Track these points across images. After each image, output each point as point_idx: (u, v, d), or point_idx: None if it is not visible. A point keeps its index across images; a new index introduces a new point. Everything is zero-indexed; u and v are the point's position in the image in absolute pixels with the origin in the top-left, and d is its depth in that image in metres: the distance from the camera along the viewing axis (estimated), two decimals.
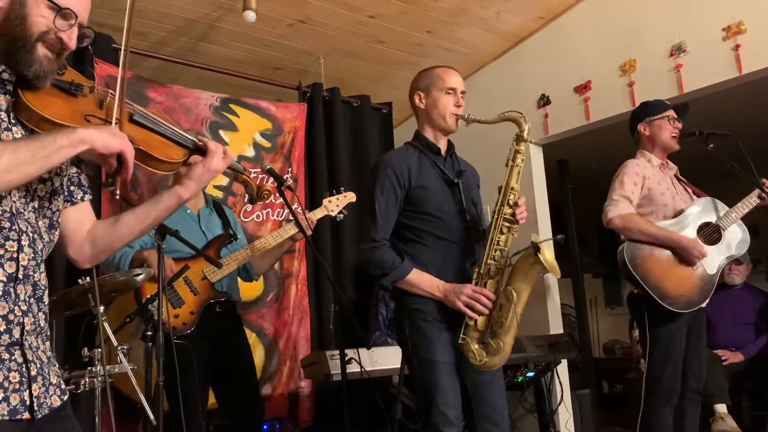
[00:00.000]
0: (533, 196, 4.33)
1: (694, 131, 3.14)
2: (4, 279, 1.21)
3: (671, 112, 3.19)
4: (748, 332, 4.62)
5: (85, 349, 2.53)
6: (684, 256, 2.95)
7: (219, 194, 3.89)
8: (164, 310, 2.46)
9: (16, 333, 1.22)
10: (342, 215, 3.27)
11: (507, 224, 2.26)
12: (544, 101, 4.37)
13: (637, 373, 4.96)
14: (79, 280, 2.42)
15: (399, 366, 3.14)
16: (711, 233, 3.04)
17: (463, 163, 2.51)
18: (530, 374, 3.79)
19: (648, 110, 3.22)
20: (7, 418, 1.16)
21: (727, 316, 4.59)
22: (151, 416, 2.37)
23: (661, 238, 2.97)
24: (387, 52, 4.41)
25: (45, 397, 1.25)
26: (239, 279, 3.17)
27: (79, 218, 1.46)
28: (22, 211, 1.26)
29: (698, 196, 3.20)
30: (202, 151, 1.48)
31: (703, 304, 3.04)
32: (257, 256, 3.04)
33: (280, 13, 3.88)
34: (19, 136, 1.27)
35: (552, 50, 4.36)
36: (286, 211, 4.03)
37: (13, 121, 1.27)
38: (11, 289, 1.22)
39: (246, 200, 2.13)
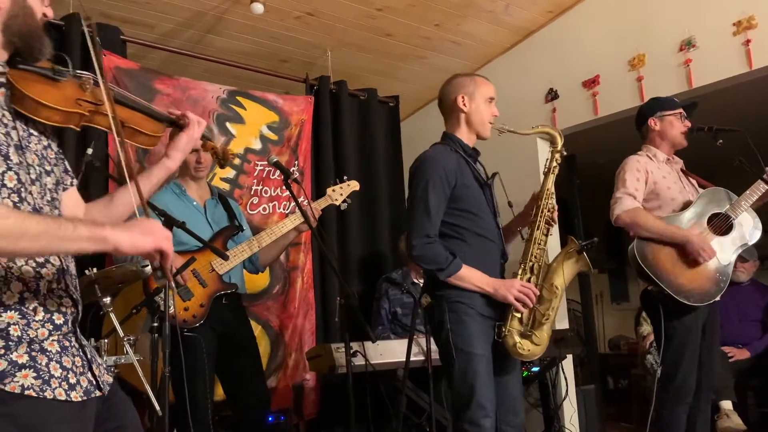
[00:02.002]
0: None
1: (703, 126, 3.12)
2: (56, 272, 1.27)
3: (681, 111, 3.17)
4: (754, 329, 4.60)
5: (92, 339, 2.53)
6: (691, 254, 2.93)
7: (225, 186, 3.89)
8: (173, 303, 2.48)
9: (71, 322, 1.30)
10: (346, 204, 3.28)
11: (547, 226, 2.47)
12: (552, 95, 4.36)
13: (642, 369, 4.95)
14: (86, 271, 2.43)
15: (404, 359, 3.14)
16: (722, 223, 3.00)
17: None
18: (535, 369, 3.79)
19: (660, 105, 3.20)
20: (85, 398, 1.25)
21: (733, 312, 4.57)
22: (157, 407, 2.37)
23: (668, 235, 2.95)
24: (394, 45, 4.39)
25: (104, 375, 1.35)
26: (245, 271, 3.18)
27: (72, 202, 1.51)
28: (42, 206, 1.30)
29: (705, 188, 3.18)
30: (176, 123, 1.58)
31: (718, 297, 3.01)
32: (263, 247, 3.04)
33: (288, 5, 3.87)
34: (23, 133, 1.29)
35: (560, 44, 4.33)
36: (293, 204, 4.03)
37: (10, 116, 1.28)
38: (61, 278, 1.29)
39: (216, 166, 2.24)
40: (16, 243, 1.10)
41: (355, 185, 3.30)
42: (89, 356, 1.32)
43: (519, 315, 2.37)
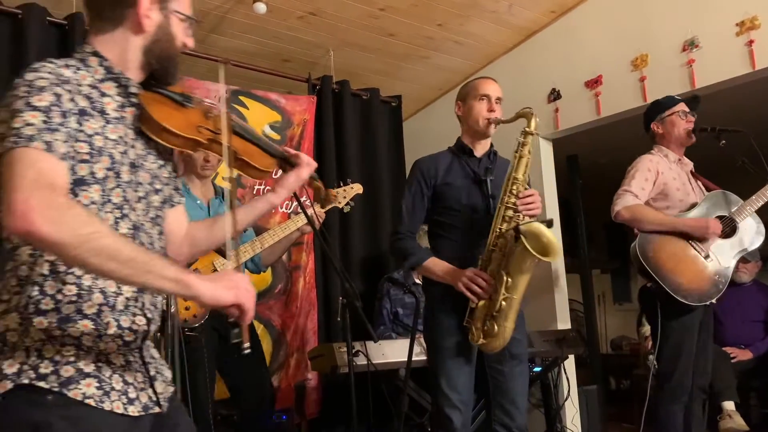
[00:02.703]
0: (542, 191, 4.31)
1: (706, 127, 3.12)
2: (133, 290, 1.29)
3: (682, 106, 3.16)
4: (757, 330, 4.60)
5: None
6: (698, 236, 2.93)
7: (228, 186, 3.89)
8: (175, 303, 2.47)
9: (140, 339, 1.32)
10: (349, 206, 3.28)
11: (510, 213, 2.36)
12: (555, 96, 4.35)
13: (644, 370, 4.94)
14: None
15: (406, 359, 3.14)
16: (725, 226, 3.00)
17: (500, 163, 2.59)
18: (537, 369, 3.78)
19: (658, 108, 3.21)
20: (143, 413, 1.27)
21: (736, 313, 4.57)
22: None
23: (669, 225, 2.97)
24: (397, 45, 4.39)
25: (166, 391, 1.37)
26: (247, 271, 3.18)
27: (177, 219, 1.53)
28: (144, 222, 1.34)
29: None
30: (288, 161, 1.58)
31: (715, 299, 3.02)
32: (266, 247, 3.05)
33: (291, 5, 3.87)
34: (141, 151, 1.35)
35: (563, 44, 4.33)
36: (295, 203, 4.03)
37: (135, 136, 1.34)
38: (139, 297, 1.31)
39: (314, 203, 2.27)
40: (106, 263, 1.11)
41: (358, 188, 3.29)
42: (152, 373, 1.35)
43: (474, 305, 2.32)
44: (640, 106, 3.75)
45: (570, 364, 4.13)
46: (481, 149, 2.60)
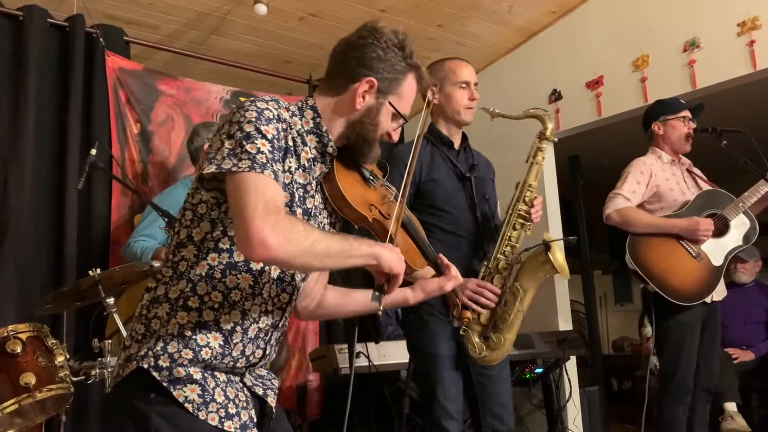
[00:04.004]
0: (544, 192, 4.30)
1: (708, 128, 3.11)
2: (268, 324, 1.38)
3: (686, 113, 3.17)
4: (758, 331, 4.59)
5: (95, 340, 2.54)
6: (690, 237, 2.93)
7: None
8: None
9: (246, 367, 1.39)
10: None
11: (521, 221, 2.26)
12: (556, 96, 4.35)
13: (646, 371, 4.94)
14: (90, 272, 2.43)
15: (407, 360, 3.14)
16: (717, 224, 3.00)
17: (477, 156, 2.49)
18: (539, 370, 3.78)
19: (663, 109, 3.20)
20: (239, 430, 1.29)
21: (737, 314, 4.56)
22: None
23: (660, 227, 2.97)
24: None
25: (274, 403, 1.44)
26: None
27: (319, 278, 1.60)
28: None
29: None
30: (438, 267, 1.60)
31: (716, 298, 3.01)
32: None
33: (292, 6, 3.87)
34: (318, 203, 1.44)
35: (564, 45, 4.33)
36: None
37: (317, 189, 1.44)
38: (268, 335, 1.40)
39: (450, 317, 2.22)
40: (323, 261, 1.28)
41: None
42: (260, 394, 1.40)
43: (475, 315, 2.21)
44: (642, 106, 3.74)
45: (571, 365, 4.13)
46: (457, 139, 2.43)
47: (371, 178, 1.52)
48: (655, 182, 3.07)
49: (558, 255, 2.17)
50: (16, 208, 3.13)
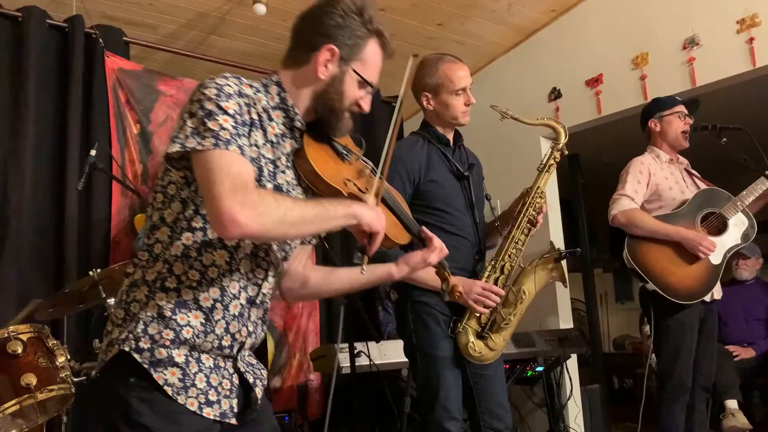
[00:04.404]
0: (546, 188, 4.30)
1: (707, 125, 3.11)
2: (244, 302, 1.36)
3: (681, 108, 3.16)
4: (759, 328, 4.59)
5: (96, 340, 2.54)
6: (690, 251, 2.93)
7: None
8: None
9: (236, 349, 1.37)
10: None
11: (529, 226, 2.31)
12: (556, 95, 4.35)
13: (646, 369, 4.94)
14: (90, 272, 2.44)
15: (408, 359, 3.14)
16: (716, 223, 3.00)
17: (471, 155, 2.49)
18: (540, 369, 3.78)
19: (658, 106, 3.21)
20: (218, 419, 1.30)
21: (738, 311, 4.56)
22: None
23: (664, 233, 2.96)
24: (397, 45, 4.34)
25: (260, 394, 1.42)
26: None
27: (299, 255, 1.59)
28: (273, 245, 1.42)
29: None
30: (423, 241, 1.59)
31: (716, 297, 3.01)
32: None
33: (291, 6, 3.86)
34: (289, 179, 1.42)
35: (563, 43, 4.33)
36: None
37: (288, 164, 1.42)
38: (246, 311, 1.37)
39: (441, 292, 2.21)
40: (300, 228, 1.29)
41: None
42: (250, 382, 1.39)
43: (477, 315, 2.24)
44: (641, 104, 3.74)
45: (572, 363, 4.13)
46: (451, 137, 2.42)
47: (345, 152, 1.49)
48: (654, 181, 3.08)
49: (564, 264, 2.28)
50: (16, 209, 3.14)
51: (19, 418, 2.39)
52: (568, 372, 3.99)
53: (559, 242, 4.36)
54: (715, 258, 2.97)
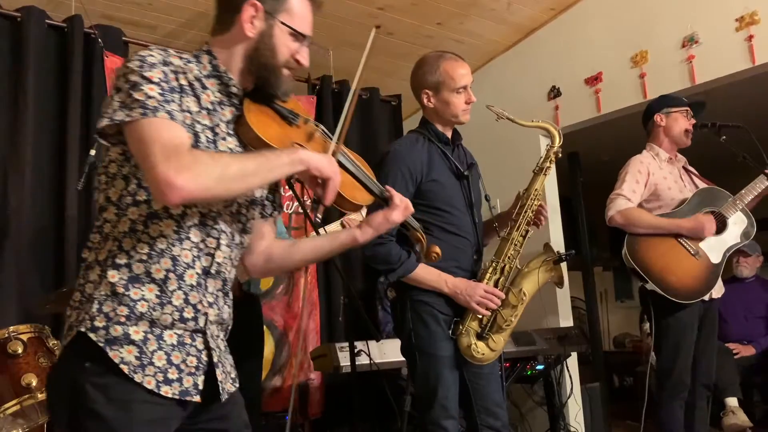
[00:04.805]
0: (543, 189, 4.30)
1: (706, 123, 3.12)
2: (199, 271, 1.34)
3: (688, 108, 3.17)
4: (759, 326, 4.59)
5: None
6: (693, 236, 2.93)
7: None
8: None
9: (201, 321, 1.33)
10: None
11: (527, 227, 2.33)
12: (555, 93, 4.35)
13: (647, 367, 4.94)
14: None
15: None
16: (714, 222, 3.00)
17: (469, 154, 2.49)
18: (540, 367, 3.78)
19: (667, 102, 3.20)
20: (177, 397, 1.27)
21: (738, 309, 4.56)
22: None
23: (664, 227, 2.97)
24: (396, 44, 4.39)
25: (226, 383, 1.38)
26: None
27: (262, 231, 1.56)
28: (222, 213, 1.39)
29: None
30: (386, 200, 1.55)
31: (715, 296, 3.01)
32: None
33: None
34: (233, 146, 1.39)
35: (563, 42, 4.33)
36: (296, 203, 4.04)
37: (230, 132, 1.40)
38: (203, 281, 1.34)
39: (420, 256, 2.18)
40: (243, 182, 1.27)
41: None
42: (215, 360, 1.35)
43: (480, 315, 2.25)
44: (641, 102, 3.75)
45: (572, 361, 4.13)
46: (450, 135, 2.42)
47: (291, 116, 1.45)
48: (653, 181, 3.07)
49: (563, 265, 2.31)
50: (16, 209, 3.14)
51: (20, 418, 2.39)
52: (568, 370, 4.00)
53: (559, 240, 4.36)
54: (715, 257, 2.97)
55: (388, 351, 3.24)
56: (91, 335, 1.23)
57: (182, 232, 1.31)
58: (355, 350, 3.02)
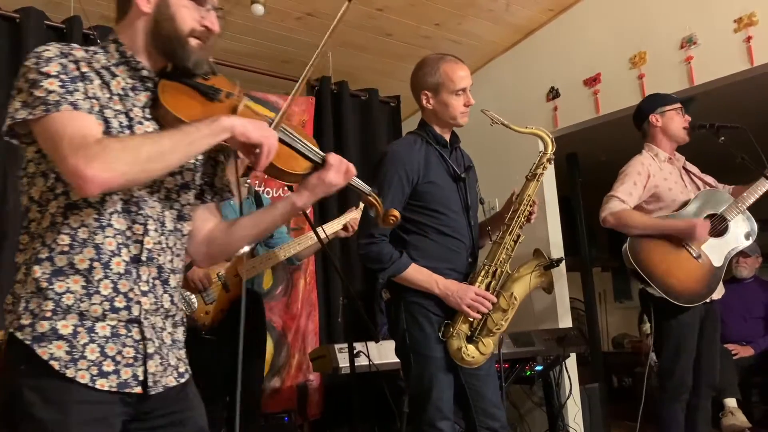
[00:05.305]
0: (542, 190, 4.31)
1: (705, 124, 3.11)
2: (128, 259, 1.30)
3: (680, 105, 3.17)
4: (758, 326, 4.60)
5: None
6: (688, 239, 2.92)
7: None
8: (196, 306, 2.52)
9: (135, 311, 1.30)
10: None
11: (519, 232, 2.33)
12: (554, 94, 4.35)
13: (647, 368, 4.94)
14: None
15: None
16: (716, 225, 3.00)
17: (466, 157, 2.50)
18: (539, 368, 3.78)
19: (659, 101, 3.20)
20: (115, 389, 1.24)
21: (737, 310, 4.57)
22: None
23: (657, 228, 2.96)
24: (395, 45, 4.39)
25: (161, 376, 1.32)
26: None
27: (203, 216, 1.53)
28: (147, 199, 1.35)
29: (708, 186, 3.18)
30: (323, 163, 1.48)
31: (715, 297, 3.01)
32: (281, 261, 3.07)
33: (288, 6, 3.87)
34: (151, 131, 1.35)
35: (561, 43, 4.33)
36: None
37: (148, 116, 1.36)
38: (133, 269, 1.31)
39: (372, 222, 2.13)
40: (162, 160, 1.23)
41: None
42: (151, 351, 1.31)
43: (470, 319, 2.26)
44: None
45: (571, 362, 4.13)
46: (448, 138, 2.43)
47: (212, 91, 1.38)
48: (654, 183, 3.06)
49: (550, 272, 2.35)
50: (15, 210, 3.13)
51: None
52: (567, 371, 3.99)
53: (558, 241, 4.36)
54: (717, 260, 2.97)
55: (387, 352, 3.24)
56: (18, 334, 1.22)
57: (103, 220, 1.28)
58: (354, 351, 3.02)
